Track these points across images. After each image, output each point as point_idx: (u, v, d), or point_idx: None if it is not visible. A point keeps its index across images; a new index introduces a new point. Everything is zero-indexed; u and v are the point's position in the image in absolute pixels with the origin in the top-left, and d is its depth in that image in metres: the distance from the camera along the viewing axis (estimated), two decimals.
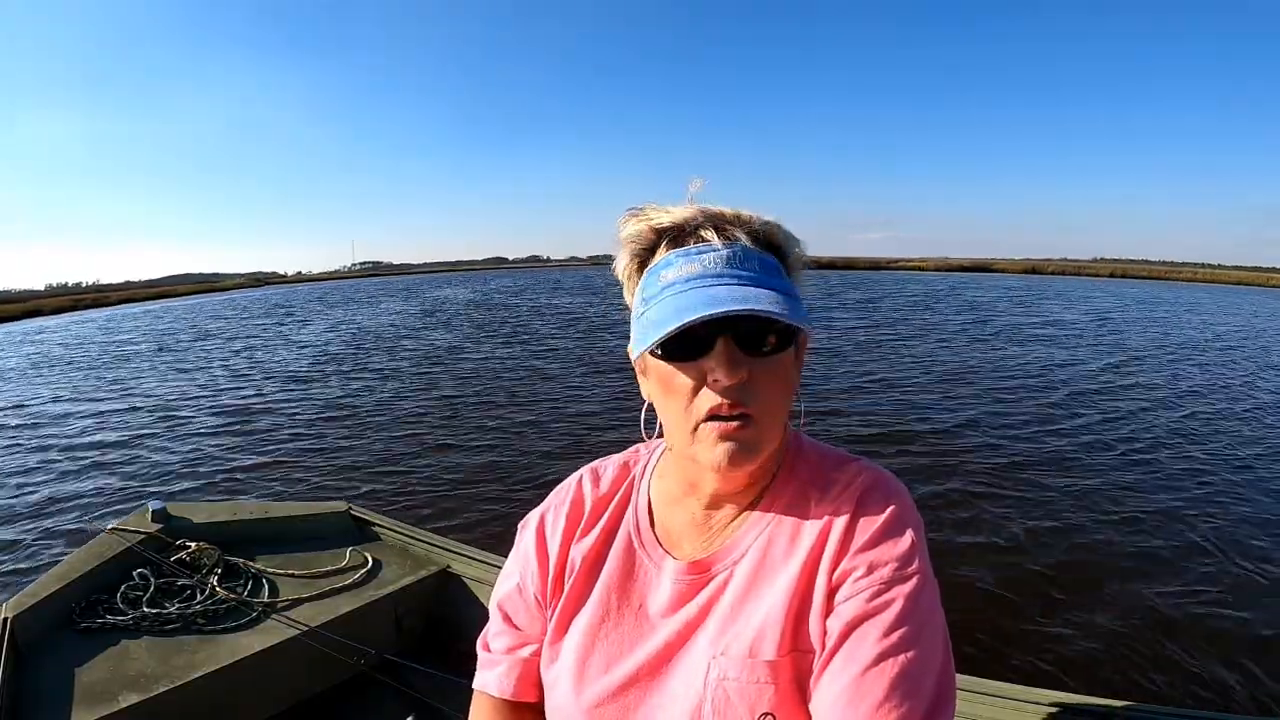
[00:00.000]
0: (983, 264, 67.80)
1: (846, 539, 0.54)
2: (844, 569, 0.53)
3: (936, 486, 4.26)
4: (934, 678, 0.49)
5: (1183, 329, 14.06)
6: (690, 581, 0.59)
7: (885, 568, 0.52)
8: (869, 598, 0.51)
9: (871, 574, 0.52)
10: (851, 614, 0.51)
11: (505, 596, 0.70)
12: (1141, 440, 5.36)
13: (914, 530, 0.54)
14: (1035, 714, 1.03)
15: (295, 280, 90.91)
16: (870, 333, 12.14)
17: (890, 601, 0.50)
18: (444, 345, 11.75)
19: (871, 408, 6.42)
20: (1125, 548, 3.46)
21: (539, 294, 26.43)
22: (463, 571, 1.70)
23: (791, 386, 0.57)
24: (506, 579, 0.71)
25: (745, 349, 0.52)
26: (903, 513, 0.55)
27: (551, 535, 0.68)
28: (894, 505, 0.55)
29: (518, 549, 0.71)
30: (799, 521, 0.57)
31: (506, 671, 0.67)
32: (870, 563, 0.52)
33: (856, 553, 0.53)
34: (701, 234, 0.55)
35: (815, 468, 0.60)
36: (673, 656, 0.58)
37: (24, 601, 1.43)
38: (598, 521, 0.67)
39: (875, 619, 0.50)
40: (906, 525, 0.54)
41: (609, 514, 0.67)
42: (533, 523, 0.71)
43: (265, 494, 4.54)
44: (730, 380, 0.51)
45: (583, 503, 0.69)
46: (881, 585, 0.51)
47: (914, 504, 0.57)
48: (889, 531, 0.54)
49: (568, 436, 5.63)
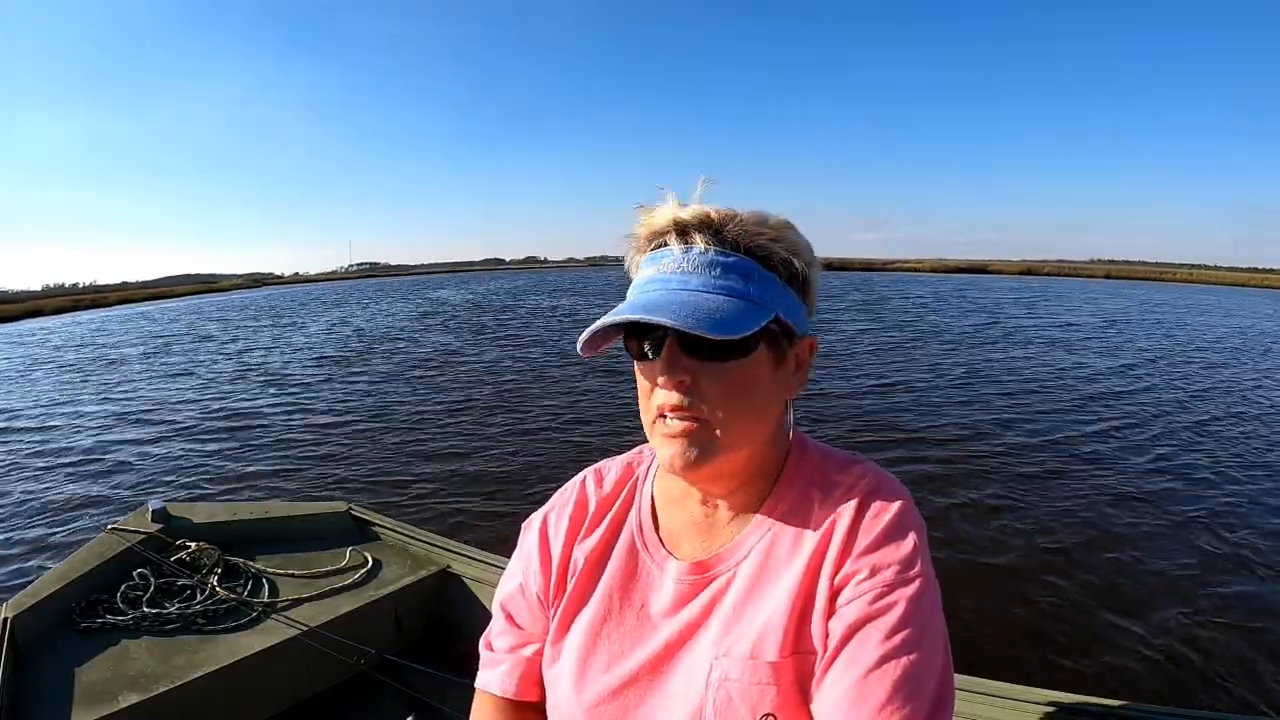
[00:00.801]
0: (979, 265, 67.89)
1: (849, 541, 0.54)
2: (846, 572, 0.53)
3: (950, 485, 4.27)
4: (935, 680, 0.50)
5: (1201, 331, 14.04)
6: (692, 582, 0.60)
7: (888, 570, 0.52)
8: (871, 600, 0.51)
9: (874, 577, 0.52)
10: (854, 616, 0.51)
11: (508, 596, 0.70)
12: (1164, 444, 5.33)
13: (916, 533, 0.54)
14: (1035, 714, 1.03)
15: (293, 281, 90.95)
16: (878, 336, 12.11)
17: (892, 604, 0.51)
18: (443, 347, 11.74)
19: (883, 410, 6.41)
20: (1146, 551, 3.44)
21: (540, 295, 26.43)
22: (463, 571, 1.70)
23: (755, 393, 0.56)
24: (509, 579, 0.71)
25: (691, 353, 0.53)
26: (905, 515, 0.55)
27: (554, 535, 0.68)
28: (896, 508, 0.55)
29: (521, 549, 0.71)
30: (802, 522, 0.58)
31: (509, 670, 0.67)
32: (873, 565, 0.52)
33: (859, 556, 0.53)
34: (667, 238, 0.56)
35: (818, 469, 0.60)
36: (674, 656, 0.58)
37: (24, 601, 1.43)
38: (601, 522, 0.67)
39: (877, 621, 0.50)
40: (908, 528, 0.54)
41: (612, 514, 0.68)
42: (536, 523, 0.71)
43: (265, 494, 4.54)
44: (669, 384, 0.54)
45: (586, 503, 0.69)
46: (884, 588, 0.51)
47: (915, 506, 0.57)
48: (891, 534, 0.54)
49: (568, 436, 5.63)
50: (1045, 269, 62.91)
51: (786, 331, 0.57)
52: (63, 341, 16.14)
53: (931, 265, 69.05)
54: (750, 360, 0.54)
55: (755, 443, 0.58)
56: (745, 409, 0.55)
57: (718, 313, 0.51)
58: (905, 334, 12.40)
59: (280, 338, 14.34)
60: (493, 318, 17.09)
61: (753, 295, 0.54)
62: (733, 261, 0.54)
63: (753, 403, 0.56)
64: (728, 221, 0.55)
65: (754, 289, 0.54)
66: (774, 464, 0.61)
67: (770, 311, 0.54)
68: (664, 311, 0.50)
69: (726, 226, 0.55)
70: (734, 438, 0.55)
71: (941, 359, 9.38)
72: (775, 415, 0.59)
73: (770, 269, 0.55)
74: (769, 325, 0.54)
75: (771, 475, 0.61)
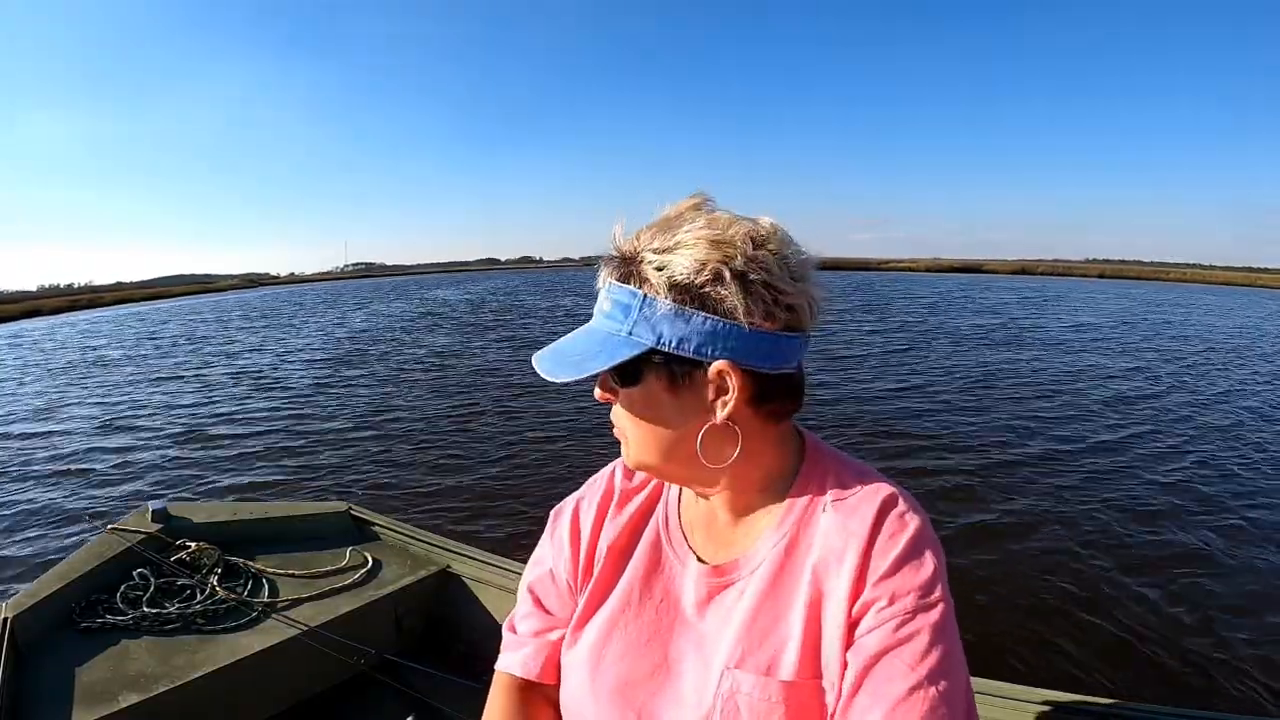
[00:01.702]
0: (974, 265, 67.99)
1: (865, 565, 0.53)
2: (866, 599, 0.52)
3: (966, 484, 4.27)
4: (962, 707, 0.49)
5: (1208, 331, 13.98)
6: (711, 586, 0.60)
7: (908, 598, 0.51)
8: (894, 629, 0.50)
9: (894, 604, 0.51)
10: (876, 647, 0.50)
11: (536, 580, 0.71)
12: (1180, 445, 5.33)
13: (933, 553, 0.53)
14: (1035, 714, 1.03)
15: (288, 281, 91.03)
16: (889, 338, 12.08)
17: (915, 633, 0.49)
18: (442, 347, 11.74)
19: (899, 415, 6.41)
20: (1157, 552, 3.44)
21: (536, 295, 26.40)
22: (463, 571, 1.70)
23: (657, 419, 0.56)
24: (538, 564, 0.72)
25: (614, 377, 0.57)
26: (921, 536, 0.54)
27: (585, 523, 0.69)
28: (913, 529, 0.54)
29: (551, 535, 0.72)
30: (816, 535, 0.57)
31: (534, 653, 0.68)
32: (892, 593, 0.51)
33: (878, 582, 0.52)
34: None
35: (832, 478, 0.59)
36: (686, 658, 0.58)
37: (24, 601, 1.43)
38: (628, 514, 0.68)
39: (901, 651, 0.49)
40: (925, 548, 0.53)
41: (639, 507, 0.68)
42: (567, 510, 0.72)
43: (265, 494, 4.54)
44: (600, 400, 0.60)
45: (614, 494, 0.70)
46: (906, 615, 0.50)
47: (931, 525, 0.55)
48: (909, 557, 0.52)
49: (568, 436, 5.63)
50: (1040, 268, 62.99)
51: (679, 360, 0.53)
52: (59, 342, 16.14)
53: (926, 265, 69.08)
54: (642, 389, 0.56)
55: (676, 461, 0.58)
56: (649, 432, 0.58)
57: (571, 354, 0.56)
58: (914, 334, 12.40)
59: (277, 338, 14.33)
60: (492, 318, 17.09)
61: (627, 330, 0.54)
62: (618, 295, 0.55)
63: (656, 429, 0.57)
64: (633, 250, 0.55)
65: (633, 323, 0.53)
66: (786, 470, 0.61)
67: (637, 346, 0.53)
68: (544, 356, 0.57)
69: (630, 255, 0.55)
70: (645, 455, 0.59)
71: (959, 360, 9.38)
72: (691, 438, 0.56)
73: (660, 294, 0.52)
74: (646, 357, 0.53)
75: (784, 481, 0.60)
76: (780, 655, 0.53)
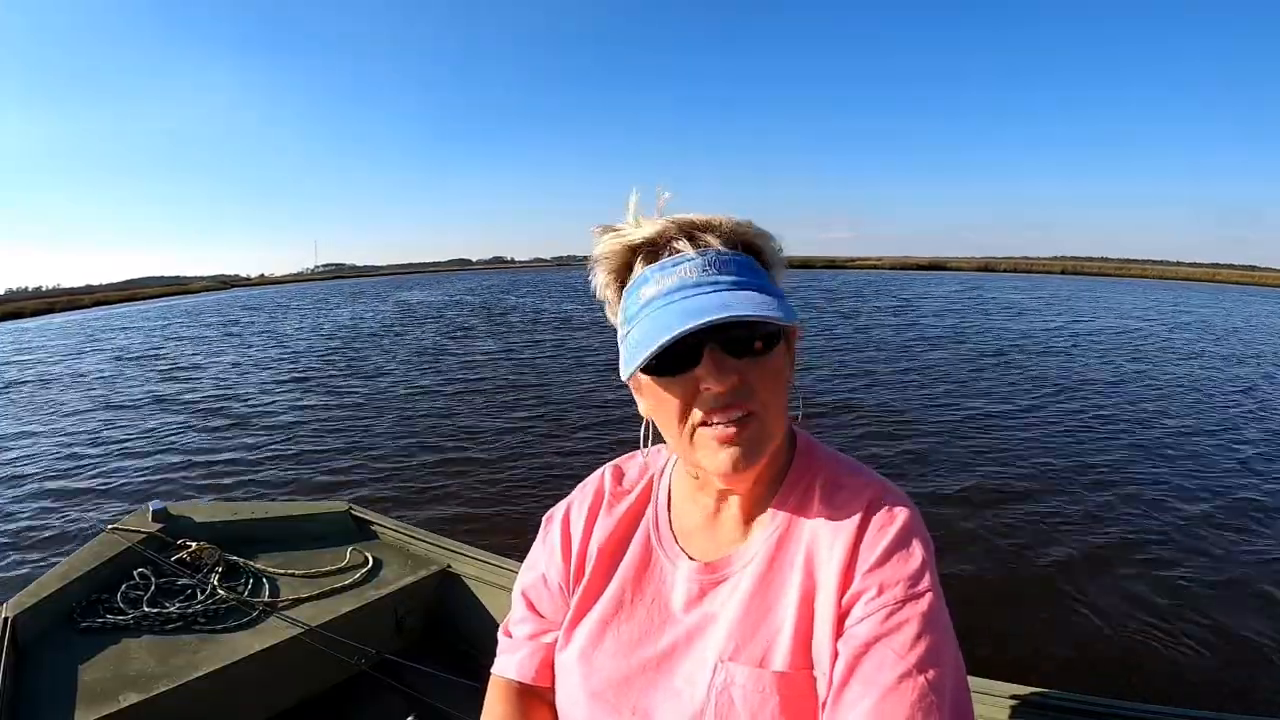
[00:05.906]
0: (938, 262, 68.33)
1: (854, 556, 0.54)
2: (855, 590, 0.53)
3: (963, 484, 4.26)
4: (952, 694, 0.50)
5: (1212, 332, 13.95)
6: (702, 583, 0.60)
7: (897, 587, 0.51)
8: (883, 619, 0.51)
9: (883, 594, 0.51)
10: (865, 636, 0.50)
11: (530, 585, 0.72)
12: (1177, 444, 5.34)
13: (922, 545, 0.54)
14: (1035, 714, 1.03)
15: (260, 282, 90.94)
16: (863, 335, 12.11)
17: (904, 622, 0.50)
18: (439, 347, 11.74)
19: (901, 414, 6.43)
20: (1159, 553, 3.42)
21: (524, 295, 26.33)
22: (463, 571, 1.70)
23: (785, 380, 0.57)
24: (530, 569, 0.73)
25: (732, 353, 0.53)
26: (910, 527, 0.54)
27: (575, 527, 0.70)
28: (901, 520, 0.55)
29: (543, 540, 0.73)
30: (807, 528, 0.58)
31: (529, 656, 0.68)
32: (881, 583, 0.52)
33: (867, 572, 0.53)
34: (675, 245, 0.55)
35: (822, 471, 0.61)
36: (679, 655, 0.59)
37: (24, 601, 1.43)
38: (618, 516, 0.68)
39: (890, 640, 0.50)
40: (915, 540, 0.54)
41: (629, 509, 0.69)
42: (558, 515, 0.73)
43: (265, 494, 4.55)
44: (721, 387, 0.52)
45: (605, 496, 0.70)
46: (895, 605, 0.51)
47: (920, 518, 0.56)
48: (898, 547, 0.53)
49: (568, 436, 5.62)
50: (1002, 265, 63.33)
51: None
52: (47, 343, 16.13)
53: (892, 262, 69.27)
54: (778, 350, 0.56)
55: (782, 433, 0.59)
56: (782, 399, 0.57)
57: (768, 304, 0.51)
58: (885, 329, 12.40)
59: (275, 339, 14.34)
60: (491, 318, 17.08)
61: (770, 286, 0.56)
62: (745, 260, 0.55)
63: (785, 392, 0.57)
64: (721, 223, 0.56)
65: (768, 280, 0.56)
66: (782, 462, 0.62)
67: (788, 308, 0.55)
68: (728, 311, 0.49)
69: (723, 226, 0.56)
70: (776, 428, 0.56)
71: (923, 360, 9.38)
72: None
73: (763, 264, 0.57)
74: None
75: (779, 474, 0.61)
76: (773, 647, 0.54)
